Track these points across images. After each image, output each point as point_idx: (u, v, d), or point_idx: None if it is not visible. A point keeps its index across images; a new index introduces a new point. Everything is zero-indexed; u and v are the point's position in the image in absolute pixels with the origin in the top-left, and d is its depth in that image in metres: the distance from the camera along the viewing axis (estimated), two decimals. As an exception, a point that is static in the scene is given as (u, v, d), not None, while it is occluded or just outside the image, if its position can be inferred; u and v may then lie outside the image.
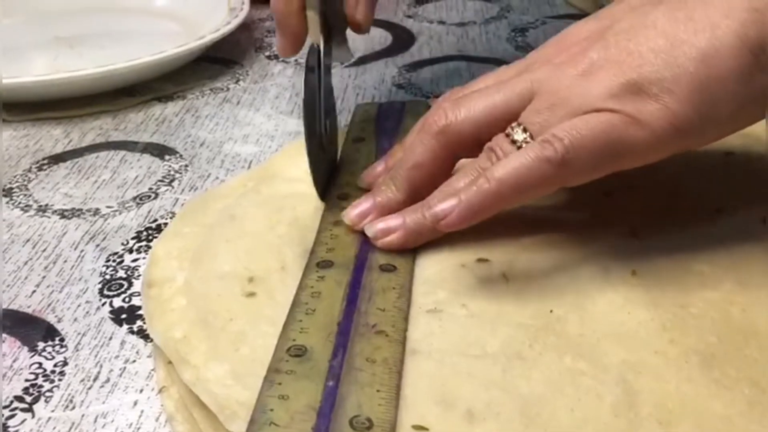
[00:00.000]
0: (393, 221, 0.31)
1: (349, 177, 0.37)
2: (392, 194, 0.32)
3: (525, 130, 0.29)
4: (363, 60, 0.56)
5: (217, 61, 0.55)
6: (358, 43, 0.58)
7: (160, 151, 0.45)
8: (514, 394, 0.25)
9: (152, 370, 0.29)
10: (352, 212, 0.32)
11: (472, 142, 0.31)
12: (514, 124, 0.30)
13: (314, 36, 0.37)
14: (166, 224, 0.38)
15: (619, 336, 0.27)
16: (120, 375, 0.29)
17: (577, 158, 0.28)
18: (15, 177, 0.42)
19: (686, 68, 0.27)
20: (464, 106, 0.31)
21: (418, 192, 0.32)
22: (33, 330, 0.31)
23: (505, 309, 0.29)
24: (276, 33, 0.40)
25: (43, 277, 0.34)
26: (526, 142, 0.29)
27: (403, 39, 0.60)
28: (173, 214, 0.38)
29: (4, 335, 0.31)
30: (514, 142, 0.29)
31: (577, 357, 0.26)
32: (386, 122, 0.42)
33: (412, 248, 0.31)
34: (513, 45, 0.58)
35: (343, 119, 0.47)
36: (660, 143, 0.28)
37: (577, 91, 0.29)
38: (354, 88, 0.52)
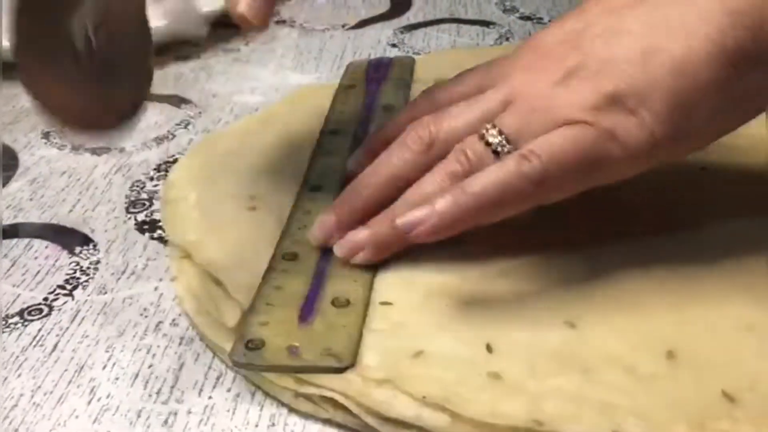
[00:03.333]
0: (360, 236, 0.31)
1: (340, 116, 0.42)
2: (359, 203, 0.31)
3: (500, 133, 0.29)
4: (362, 24, 0.61)
5: (231, 26, 0.61)
6: (359, 8, 0.63)
7: (177, 101, 0.50)
8: (468, 276, 0.30)
9: (169, 266, 0.35)
10: (317, 231, 0.32)
11: None
12: (488, 126, 0.29)
13: None
14: (182, 158, 0.43)
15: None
16: (143, 269, 0.35)
17: (554, 175, 0.27)
18: (51, 123, 0.48)
19: (662, 80, 0.26)
20: (446, 120, 0.31)
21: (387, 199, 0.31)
22: (71, 238, 0.37)
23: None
24: None
25: (78, 199, 0.40)
26: (502, 146, 0.28)
27: (400, 4, 0.65)
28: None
29: (47, 242, 0.37)
30: (488, 144, 0.29)
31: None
32: (375, 73, 0.47)
33: None
34: (501, 8, 0.62)
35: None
36: (636, 159, 0.27)
37: (554, 100, 0.28)
38: (352, 48, 0.57)
